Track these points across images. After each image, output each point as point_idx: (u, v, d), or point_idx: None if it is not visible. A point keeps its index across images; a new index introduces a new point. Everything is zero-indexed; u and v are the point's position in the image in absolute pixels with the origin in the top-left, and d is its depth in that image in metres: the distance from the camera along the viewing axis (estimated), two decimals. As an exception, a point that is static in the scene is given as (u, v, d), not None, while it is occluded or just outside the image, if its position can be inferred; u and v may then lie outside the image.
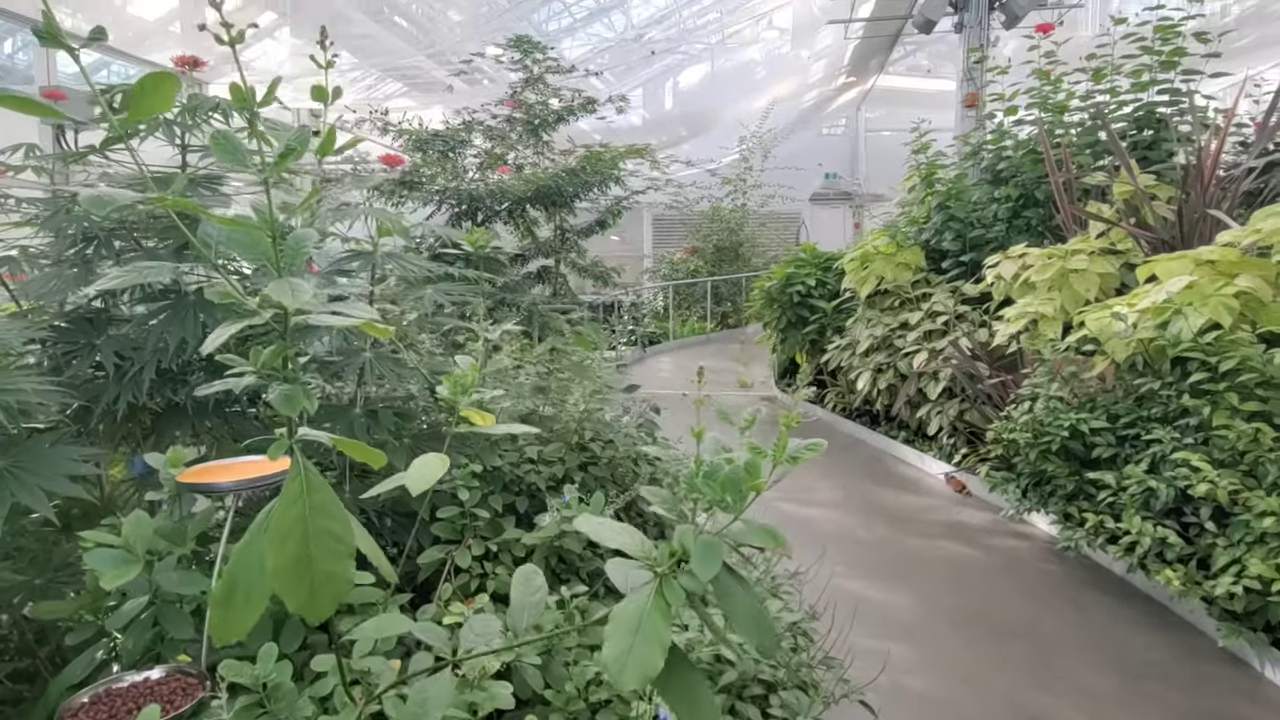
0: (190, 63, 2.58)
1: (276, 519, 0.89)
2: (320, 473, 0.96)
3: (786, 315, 7.31)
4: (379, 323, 1.00)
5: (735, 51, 17.37)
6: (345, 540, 0.92)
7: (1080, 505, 3.66)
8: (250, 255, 0.90)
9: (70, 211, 2.32)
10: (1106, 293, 4.36)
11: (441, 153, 6.46)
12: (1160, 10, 5.20)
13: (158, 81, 0.84)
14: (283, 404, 0.86)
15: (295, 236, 0.91)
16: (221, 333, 0.85)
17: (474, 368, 1.60)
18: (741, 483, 1.06)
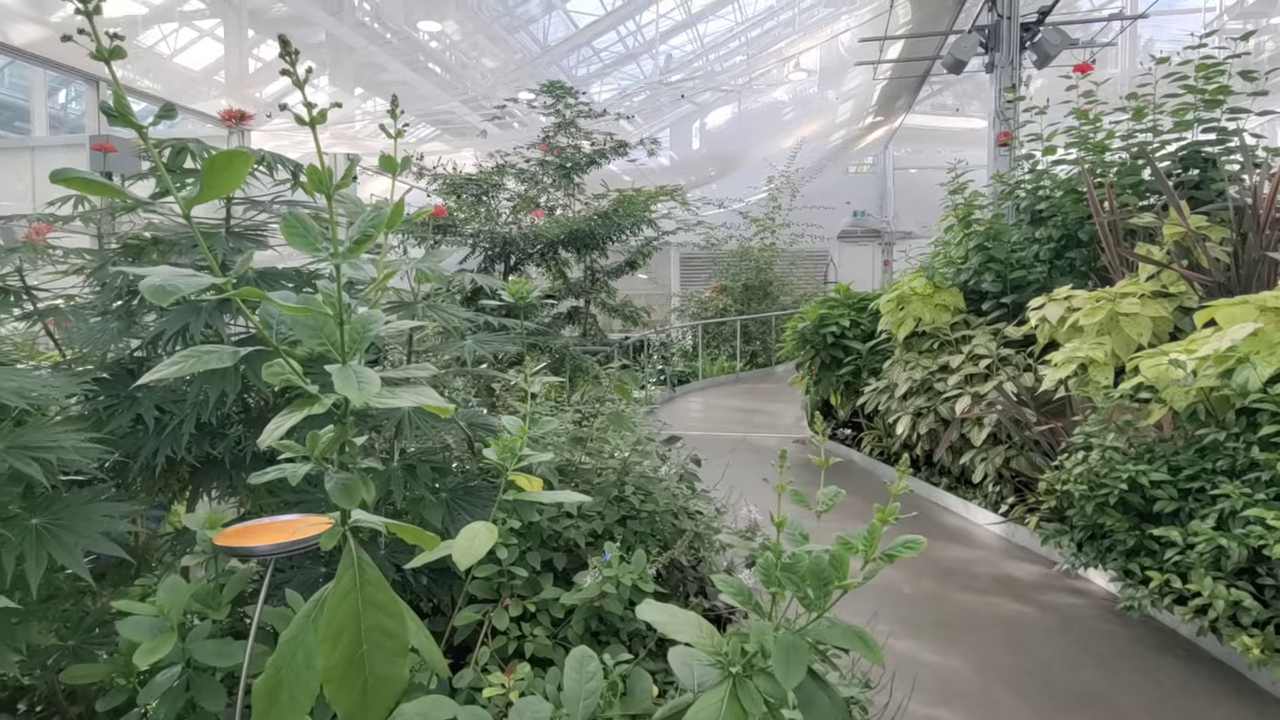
0: (237, 117, 2.61)
1: (328, 615, 0.82)
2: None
3: (820, 356, 7.19)
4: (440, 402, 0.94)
5: (763, 93, 17.56)
6: (400, 638, 0.85)
7: (1143, 562, 3.47)
8: (315, 339, 0.84)
9: (115, 264, 2.33)
10: (1160, 337, 4.21)
11: (475, 196, 6.52)
12: (1202, 49, 5.12)
13: (230, 159, 0.80)
14: (340, 495, 0.80)
15: (360, 319, 0.86)
16: (281, 423, 0.79)
17: (522, 430, 1.54)
18: (827, 577, 0.97)
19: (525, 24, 14.86)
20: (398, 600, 0.88)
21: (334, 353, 0.84)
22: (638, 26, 16.63)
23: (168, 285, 0.74)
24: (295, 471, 0.85)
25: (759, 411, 9.68)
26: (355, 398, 0.75)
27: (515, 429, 1.55)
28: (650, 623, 1.07)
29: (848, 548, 1.00)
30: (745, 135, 15.63)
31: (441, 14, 12.29)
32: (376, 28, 12.36)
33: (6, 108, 11.90)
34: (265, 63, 13.38)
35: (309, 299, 0.84)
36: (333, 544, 0.87)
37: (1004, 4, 9.06)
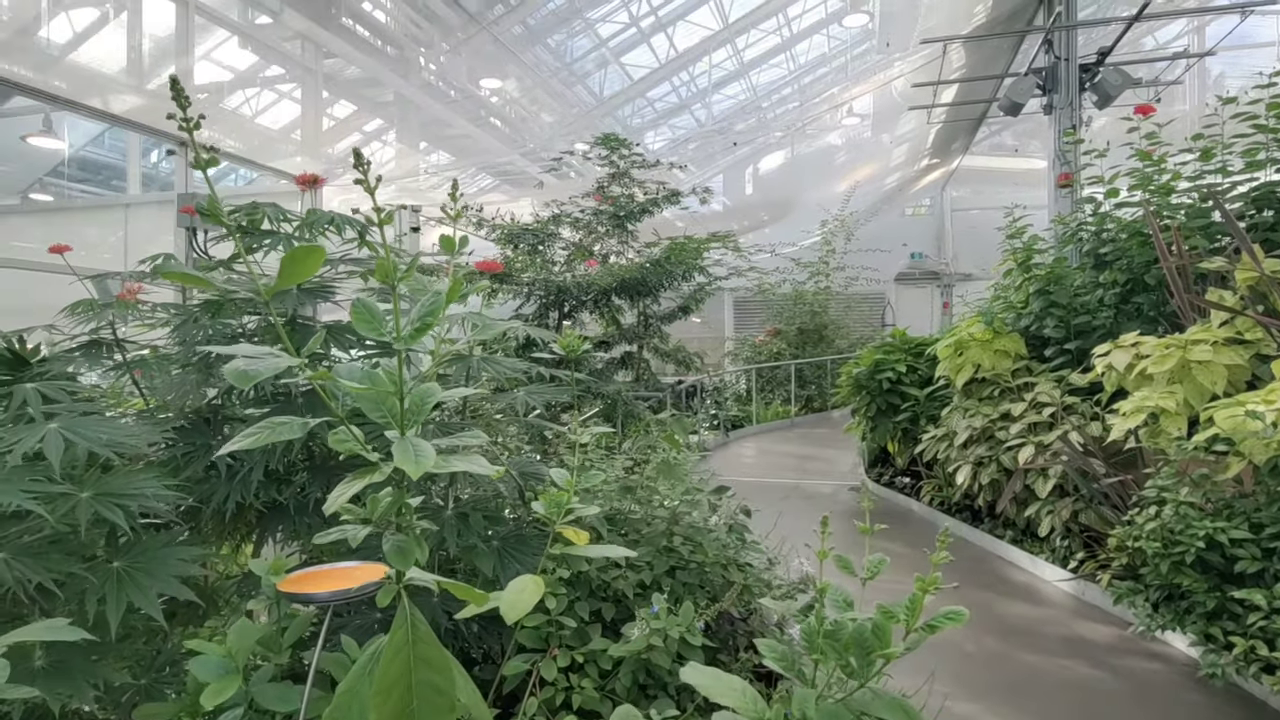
0: (310, 181, 2.79)
1: (382, 670, 0.86)
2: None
3: (876, 402, 7.08)
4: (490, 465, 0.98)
5: (815, 138, 17.69)
6: (448, 694, 0.89)
7: (1225, 626, 3.27)
8: (376, 413, 0.91)
9: (197, 320, 2.50)
10: (1236, 386, 4.02)
11: (531, 246, 6.72)
12: (1273, 88, 4.97)
13: (307, 254, 0.88)
14: (396, 557, 0.85)
15: (419, 393, 0.92)
16: (344, 491, 0.85)
17: (569, 484, 1.57)
18: (869, 646, 0.97)
19: (582, 78, 15.40)
20: (447, 656, 0.92)
21: (394, 424, 0.90)
22: (690, 77, 17.04)
23: (250, 370, 0.81)
24: (356, 534, 0.90)
25: (814, 458, 9.53)
26: (412, 470, 0.80)
27: (563, 482, 1.59)
28: (695, 685, 1.08)
29: (889, 617, 1.00)
30: (798, 180, 15.72)
31: (503, 72, 12.84)
32: (441, 86, 12.99)
33: (106, 168, 12.83)
34: (338, 120, 14.18)
35: (373, 376, 0.90)
36: (388, 601, 0.92)
37: (1061, 46, 8.97)
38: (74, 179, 11.23)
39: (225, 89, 12.12)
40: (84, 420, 1.84)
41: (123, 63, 8.35)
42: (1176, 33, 16.29)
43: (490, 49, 11.93)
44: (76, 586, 1.75)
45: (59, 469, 1.61)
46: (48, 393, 1.93)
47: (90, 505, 1.72)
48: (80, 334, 2.49)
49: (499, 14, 11.57)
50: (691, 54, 15.49)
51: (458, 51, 11.74)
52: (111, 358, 2.52)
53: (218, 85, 11.80)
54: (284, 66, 10.84)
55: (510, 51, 12.39)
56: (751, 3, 14.57)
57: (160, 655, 2.09)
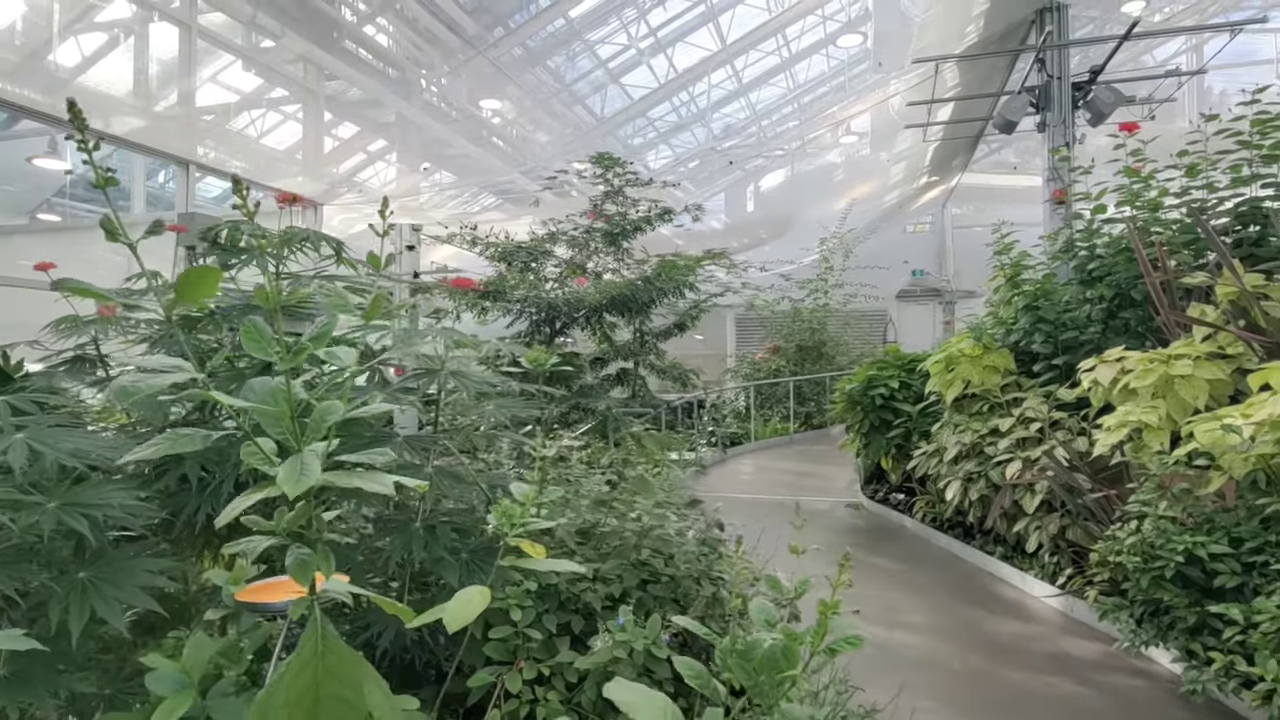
0: (290, 200, 2.84)
1: (289, 684, 0.88)
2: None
3: (869, 419, 7.08)
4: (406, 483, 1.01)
5: (815, 156, 17.81)
6: (358, 707, 0.91)
7: (1205, 641, 3.25)
8: (276, 429, 0.94)
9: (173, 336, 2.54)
10: (1219, 400, 4.02)
11: (524, 263, 6.79)
12: (1256, 105, 5.01)
13: (203, 275, 0.91)
14: (296, 571, 0.88)
15: (320, 410, 0.95)
16: (240, 503, 0.88)
17: (528, 497, 1.60)
18: (779, 667, 0.99)
19: (582, 99, 15.57)
20: (360, 670, 0.94)
21: (292, 441, 0.93)
22: (690, 97, 17.20)
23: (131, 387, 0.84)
24: (254, 546, 0.93)
25: (811, 474, 9.51)
26: (289, 489, 0.83)
27: (521, 496, 1.62)
28: (615, 701, 1.09)
29: (794, 639, 1.02)
30: (797, 198, 15.82)
31: (503, 93, 13.01)
32: (443, 107, 13.17)
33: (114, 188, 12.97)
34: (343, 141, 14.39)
35: (273, 392, 0.93)
36: (299, 614, 0.94)
37: (1054, 64, 9.04)
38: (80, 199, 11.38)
39: (232, 110, 12.32)
40: (52, 431, 1.87)
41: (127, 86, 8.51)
42: (1174, 51, 16.39)
43: (490, 71, 12.10)
44: (42, 596, 1.78)
45: (20, 477, 1.64)
46: (18, 405, 1.96)
47: (54, 515, 1.75)
48: (66, 350, 2.54)
49: (499, 36, 11.75)
50: (691, 74, 15.66)
51: (458, 73, 11.92)
52: (94, 373, 2.56)
53: (224, 107, 12.00)
54: (286, 88, 11.02)
55: (510, 73, 12.56)
56: (750, 24, 14.75)
57: (127, 666, 2.11)
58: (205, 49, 9.92)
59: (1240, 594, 3.20)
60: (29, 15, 8.12)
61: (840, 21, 14.60)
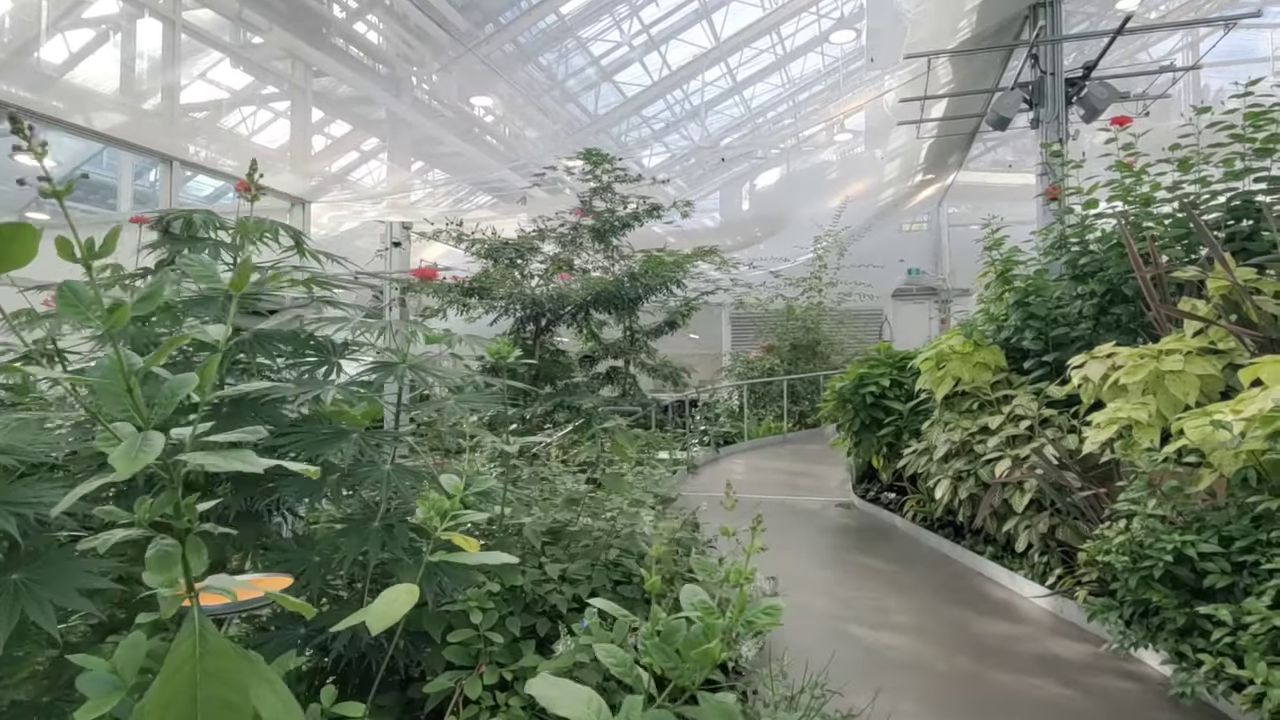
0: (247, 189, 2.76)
1: (159, 687, 0.80)
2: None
3: (860, 417, 7.00)
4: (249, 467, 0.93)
5: (810, 154, 17.74)
6: (242, 711, 0.83)
7: (1195, 643, 3.17)
8: (119, 408, 0.86)
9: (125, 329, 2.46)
10: (1210, 396, 3.94)
11: (510, 260, 6.71)
12: (1249, 97, 4.93)
13: (15, 233, 0.83)
14: (156, 564, 0.80)
15: (172, 384, 0.87)
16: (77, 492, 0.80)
17: (457, 489, 1.51)
18: (696, 648, 0.91)
19: (575, 96, 15.49)
20: (247, 670, 0.86)
21: (137, 418, 0.85)
22: (684, 94, 17.13)
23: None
24: (106, 540, 0.85)
25: (804, 474, 9.43)
26: (122, 468, 0.75)
27: (451, 487, 1.53)
28: (535, 697, 1.01)
29: (711, 614, 0.94)
30: (792, 196, 15.74)
31: (494, 90, 12.93)
32: (436, 105, 13.09)
33: (103, 187, 12.94)
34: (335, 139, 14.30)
35: (109, 368, 0.85)
36: (171, 612, 0.86)
37: (1047, 60, 8.97)
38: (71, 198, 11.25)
39: (224, 108, 12.24)
40: (-12, 428, 1.79)
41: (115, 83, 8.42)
42: (1170, 48, 16.34)
43: (481, 68, 12.02)
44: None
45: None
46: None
47: (-21, 514, 1.67)
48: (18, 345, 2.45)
49: (489, 33, 11.66)
50: (685, 72, 15.58)
51: (448, 70, 11.83)
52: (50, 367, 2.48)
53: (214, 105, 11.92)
54: (275, 85, 10.93)
55: (501, 70, 12.47)
56: (744, 21, 14.67)
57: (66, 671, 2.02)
58: (192, 46, 9.84)
59: (1230, 594, 3.12)
60: (16, 12, 8.02)
61: (834, 19, 14.53)
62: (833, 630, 4.23)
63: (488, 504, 2.40)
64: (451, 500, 1.46)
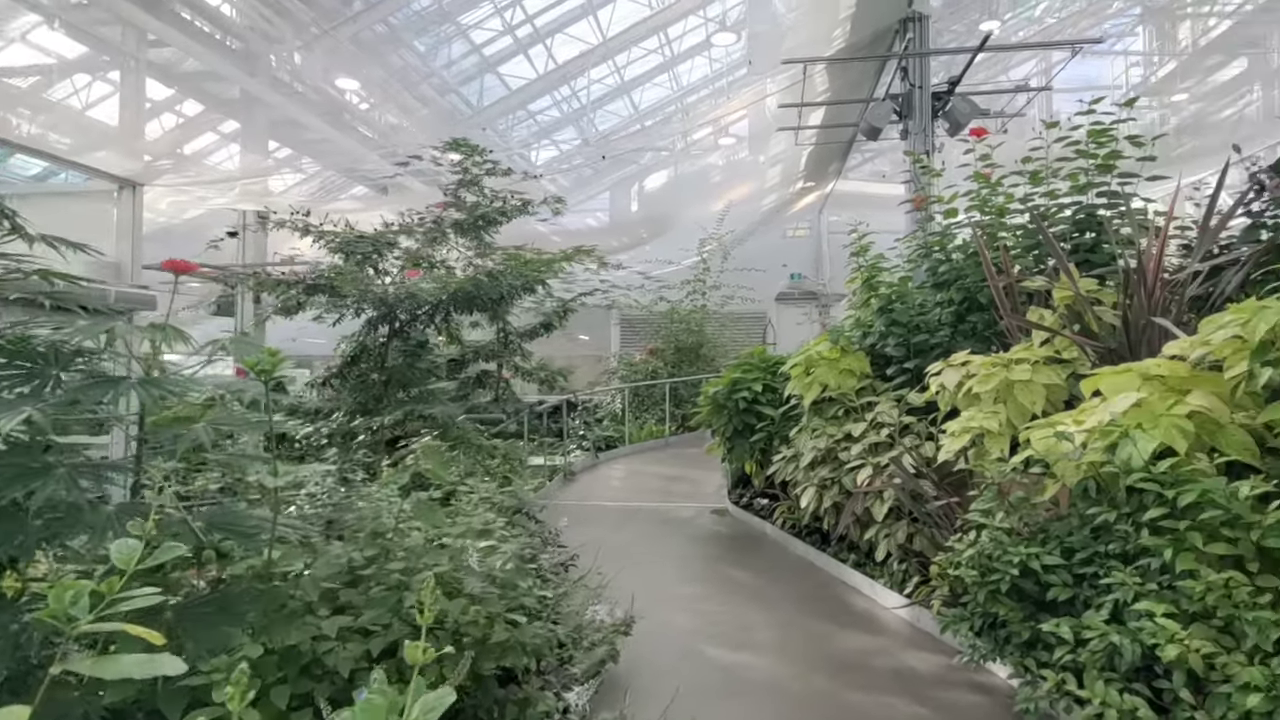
0: None
1: None
2: None
3: (733, 423, 6.89)
4: None
5: (697, 158, 17.79)
6: None
7: (1039, 657, 3.14)
8: None
9: None
10: (1055, 405, 4.00)
11: (365, 255, 6.15)
12: (1092, 115, 5.12)
13: None
14: None
15: None
16: None
17: (126, 560, 1.11)
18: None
19: (455, 86, 14.83)
20: None
21: None
22: (572, 91, 16.78)
23: None
24: None
25: (682, 479, 9.30)
26: None
27: (120, 557, 1.13)
28: None
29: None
30: (678, 198, 15.71)
31: (364, 74, 12.11)
32: (300, 88, 12.12)
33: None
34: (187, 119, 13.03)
35: None
36: None
37: (915, 74, 9.25)
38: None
39: (53, 77, 10.89)
40: None
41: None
42: (1029, 72, 17.53)
43: (350, 48, 11.21)
44: None
45: None
46: None
47: None
48: None
49: (357, 10, 10.89)
50: (571, 68, 15.23)
51: (311, 49, 10.95)
52: None
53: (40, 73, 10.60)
54: (103, 53, 9.76)
55: (372, 52, 11.70)
56: (630, 19, 14.49)
57: None
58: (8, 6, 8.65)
59: (1072, 606, 3.11)
60: None
61: (720, 23, 14.59)
62: (691, 651, 4.02)
63: (251, 547, 1.98)
64: (108, 580, 1.06)
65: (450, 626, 2.32)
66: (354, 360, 5.86)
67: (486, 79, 15.73)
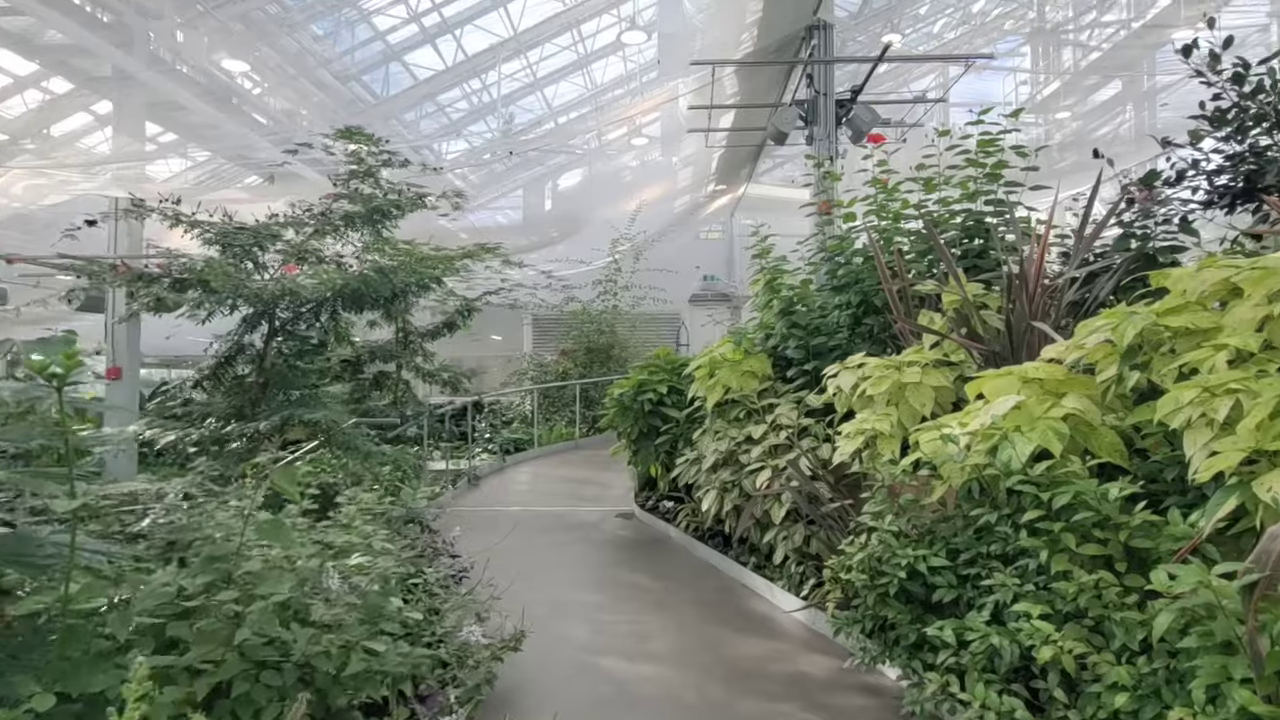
0: None
1: None
2: None
3: (639, 425, 6.80)
4: None
5: (613, 157, 17.68)
6: None
7: (925, 659, 3.15)
8: None
9: None
10: (944, 407, 4.07)
11: (243, 247, 5.70)
12: (981, 125, 5.28)
13: None
14: None
15: None
16: None
17: None
18: None
19: (358, 74, 14.19)
20: None
21: None
22: (483, 84, 16.37)
23: None
24: None
25: (590, 482, 9.15)
26: None
27: None
28: None
29: None
30: (590, 198, 15.54)
31: (255, 56, 11.40)
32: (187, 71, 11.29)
33: None
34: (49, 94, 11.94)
35: None
36: None
37: (820, 81, 9.41)
38: None
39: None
40: None
41: None
42: (928, 85, 18.31)
43: (238, 27, 10.52)
44: None
45: None
46: None
47: None
48: None
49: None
50: (481, 60, 14.84)
51: (195, 26, 10.21)
52: None
53: None
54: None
55: (264, 33, 11.02)
56: (542, 14, 14.24)
57: None
58: None
59: (957, 607, 3.14)
60: None
61: (634, 22, 14.53)
62: (585, 665, 3.87)
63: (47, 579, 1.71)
64: None
65: (297, 659, 2.09)
66: (229, 361, 5.43)
67: (392, 68, 15.14)
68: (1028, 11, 16.39)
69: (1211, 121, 4.27)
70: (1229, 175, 4.26)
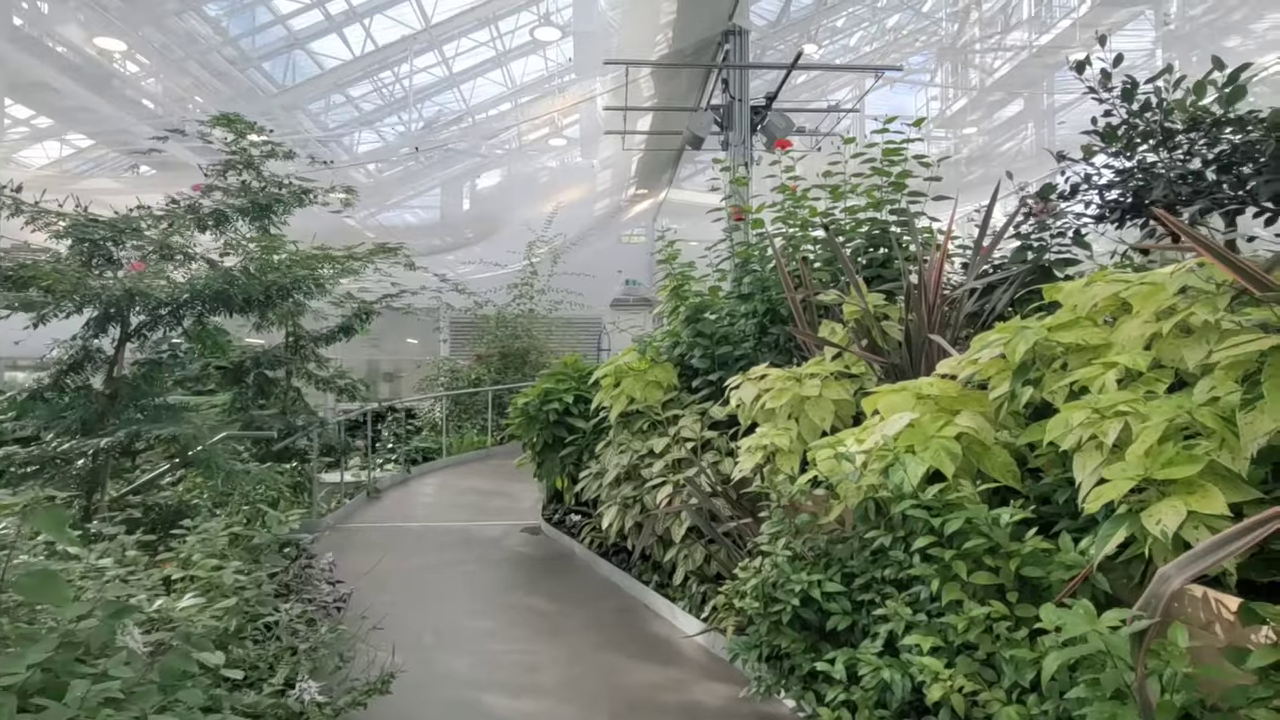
0: None
1: None
2: None
3: (544, 436, 6.50)
4: None
5: (533, 158, 17.28)
6: None
7: (819, 690, 2.98)
8: None
9: None
10: (845, 421, 3.94)
11: (96, 242, 5.11)
12: (886, 134, 5.23)
13: None
14: None
15: None
16: None
17: None
18: None
19: (257, 61, 13.37)
20: None
21: None
22: (395, 78, 15.73)
23: None
24: None
25: (499, 493, 8.78)
26: None
27: None
28: None
29: None
30: (507, 199, 15.15)
31: (136, 36, 10.54)
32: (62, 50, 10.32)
33: None
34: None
35: None
36: None
37: (736, 86, 9.34)
38: None
39: None
40: None
41: None
42: (844, 96, 18.69)
43: (115, 3, 9.68)
44: None
45: None
46: None
47: None
48: None
49: (122, -40, 9.42)
50: (392, 51, 14.23)
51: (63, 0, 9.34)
52: None
53: None
54: None
55: (146, 10, 10.19)
56: (456, 6, 13.75)
57: None
58: None
59: (852, 634, 2.98)
60: None
61: (549, 20, 14.22)
62: (464, 704, 3.56)
63: None
64: None
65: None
66: (77, 367, 4.86)
67: (297, 56, 14.36)
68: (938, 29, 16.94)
69: (1103, 137, 4.31)
70: (1119, 190, 4.30)
